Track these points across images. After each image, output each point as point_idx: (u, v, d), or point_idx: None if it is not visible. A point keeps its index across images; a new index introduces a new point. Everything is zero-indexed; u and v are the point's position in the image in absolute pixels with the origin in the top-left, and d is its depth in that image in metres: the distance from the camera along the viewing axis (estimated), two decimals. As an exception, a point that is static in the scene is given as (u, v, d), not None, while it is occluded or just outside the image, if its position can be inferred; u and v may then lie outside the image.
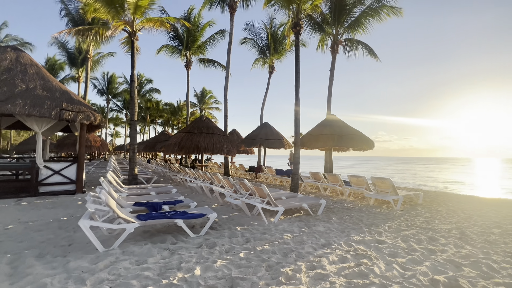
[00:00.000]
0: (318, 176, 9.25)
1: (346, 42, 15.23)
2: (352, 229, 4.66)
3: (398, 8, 13.55)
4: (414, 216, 5.75)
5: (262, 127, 14.53)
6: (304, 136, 10.20)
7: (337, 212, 6.10)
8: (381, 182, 6.88)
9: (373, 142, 9.51)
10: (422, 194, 7.84)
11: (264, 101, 20.04)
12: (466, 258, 3.40)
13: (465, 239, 4.20)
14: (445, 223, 5.20)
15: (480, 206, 7.14)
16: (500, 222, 5.38)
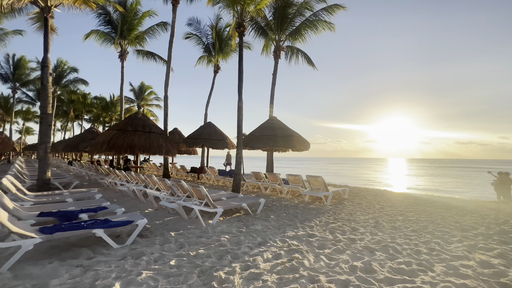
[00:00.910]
0: (259, 176, 9.48)
1: (288, 49, 16.15)
2: (287, 226, 4.88)
3: (332, 24, 15.02)
4: (340, 210, 6.42)
5: (205, 126, 14.12)
6: (247, 136, 10.33)
7: (276, 210, 6.33)
8: (315, 180, 7.48)
9: (309, 144, 10.29)
10: (348, 190, 8.87)
11: (209, 101, 19.57)
12: (378, 243, 3.93)
13: (378, 227, 4.88)
14: (364, 214, 5.96)
15: (390, 198, 8.49)
16: (404, 210, 6.47)
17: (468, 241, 4.10)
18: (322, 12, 14.37)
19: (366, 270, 3.01)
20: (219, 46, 19.47)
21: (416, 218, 5.62)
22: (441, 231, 4.67)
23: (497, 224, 5.23)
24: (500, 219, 5.77)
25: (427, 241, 4.08)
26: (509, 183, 10.78)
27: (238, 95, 9.07)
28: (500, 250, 3.69)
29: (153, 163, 18.41)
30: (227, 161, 17.53)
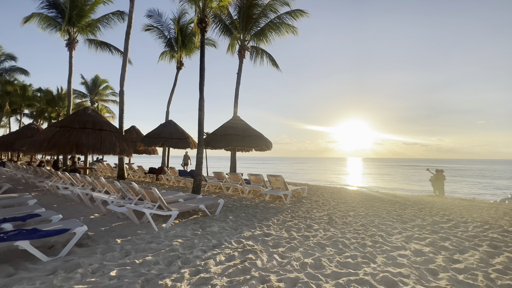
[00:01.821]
0: (221, 176, 9.31)
1: (253, 49, 16.22)
2: (245, 226, 4.84)
3: (295, 28, 15.46)
4: (298, 208, 6.62)
5: (166, 125, 13.42)
6: (208, 136, 10.08)
7: (235, 210, 6.25)
8: (275, 179, 7.60)
9: (272, 143, 10.45)
10: (307, 188, 9.22)
11: (171, 98, 18.70)
12: (329, 239, 4.11)
13: (331, 223, 5.12)
14: (320, 211, 6.23)
15: (345, 196, 9.04)
16: (355, 207, 6.93)
17: (406, 232, 4.53)
18: (286, 16, 14.73)
19: (316, 266, 3.10)
20: (182, 41, 18.71)
21: (365, 213, 6.05)
22: (385, 224, 5.09)
23: (431, 216, 5.90)
24: (433, 211, 6.52)
25: (373, 234, 4.39)
26: (443, 179, 12.32)
27: (199, 93, 8.79)
28: (431, 239, 4.14)
29: (107, 164, 16.90)
30: (184, 161, 17.00)
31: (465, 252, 3.61)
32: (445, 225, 5.06)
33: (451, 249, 3.68)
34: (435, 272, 2.97)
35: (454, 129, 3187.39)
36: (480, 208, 7.12)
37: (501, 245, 3.91)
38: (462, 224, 5.21)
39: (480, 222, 5.37)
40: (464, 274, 2.91)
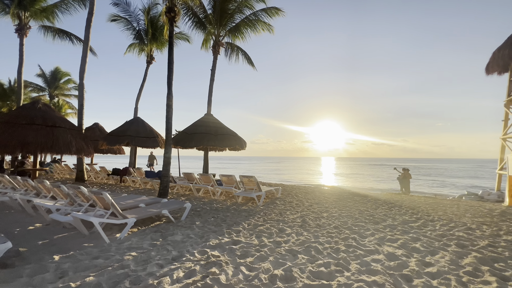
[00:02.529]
0: (191, 177, 8.75)
1: (228, 46, 15.74)
2: (212, 233, 4.41)
3: (271, 26, 15.24)
4: (271, 210, 6.33)
5: (133, 122, 12.42)
6: (178, 134, 9.43)
7: (204, 214, 5.79)
8: (248, 179, 7.25)
9: (245, 142, 10.09)
10: (281, 188, 9.02)
11: (140, 94, 17.54)
12: (302, 244, 3.85)
13: (304, 226, 4.90)
14: (293, 213, 6.00)
15: (319, 195, 8.98)
16: (328, 207, 6.83)
17: (379, 233, 4.44)
18: (262, 13, 14.46)
19: (286, 279, 2.80)
20: (153, 34, 17.62)
21: (339, 214, 5.94)
22: (358, 225, 4.98)
23: (400, 215, 5.96)
24: (402, 209, 6.64)
25: (346, 237, 4.23)
26: (409, 178, 12.90)
27: (167, 88, 8.16)
28: (402, 240, 4.07)
29: (65, 165, 15.29)
30: (149, 161, 16.09)
31: (436, 253, 3.55)
32: (414, 224, 5.09)
33: (422, 251, 3.61)
34: (409, 278, 2.82)
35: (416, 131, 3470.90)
36: (444, 206, 7.43)
37: (467, 244, 3.95)
38: (430, 222, 5.29)
39: (446, 220, 5.51)
40: (437, 279, 2.79)
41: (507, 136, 11.40)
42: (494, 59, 11.41)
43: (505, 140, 11.70)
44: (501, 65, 11.19)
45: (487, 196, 10.76)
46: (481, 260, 3.31)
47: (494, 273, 2.92)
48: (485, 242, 4.02)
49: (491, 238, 4.26)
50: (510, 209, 7.14)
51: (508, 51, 10.41)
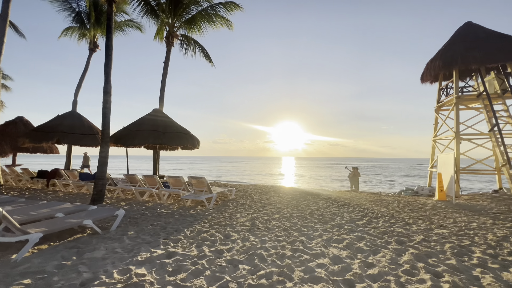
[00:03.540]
0: (134, 179, 7.79)
1: (183, 38, 14.79)
2: (145, 244, 3.79)
3: (230, 22, 14.76)
4: (221, 213, 5.90)
5: (66, 116, 10.68)
6: (120, 131, 8.35)
7: (142, 222, 5.07)
8: (197, 181, 6.69)
9: (199, 141, 9.45)
10: (235, 189, 8.64)
11: (80, 85, 15.44)
12: (246, 252, 3.50)
13: (253, 230, 4.58)
14: (244, 216, 5.66)
15: (273, 195, 8.85)
16: (281, 208, 6.68)
17: (326, 234, 4.36)
18: (220, 7, 13.90)
19: (219, 298, 2.40)
20: (97, 18, 15.64)
21: (290, 215, 5.80)
22: (307, 226, 4.86)
23: (348, 213, 6.08)
24: (350, 207, 6.83)
25: (294, 240, 4.02)
26: (358, 176, 13.72)
27: (104, 77, 7.10)
28: (348, 240, 4.03)
29: (-23, 166, 12.50)
30: (84, 163, 14.36)
31: (378, 252, 3.55)
32: (360, 222, 5.19)
33: (365, 251, 3.58)
34: (351, 284, 2.67)
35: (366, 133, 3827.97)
36: (386, 202, 7.92)
37: (405, 240, 4.08)
38: (374, 220, 5.46)
39: (388, 217, 5.77)
40: (378, 282, 2.70)
41: (437, 138, 12.90)
42: (428, 70, 12.80)
43: (435, 142, 13.24)
44: (433, 75, 12.61)
45: (421, 191, 11.99)
46: (417, 256, 3.39)
47: (428, 270, 2.97)
48: (420, 237, 4.21)
49: (425, 233, 4.50)
50: (439, 202, 7.94)
51: (438, 63, 11.75)
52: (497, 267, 3.09)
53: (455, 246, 3.78)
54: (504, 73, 10.82)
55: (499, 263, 3.21)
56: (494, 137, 10.31)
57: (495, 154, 11.71)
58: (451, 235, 4.36)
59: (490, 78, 11.29)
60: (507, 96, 10.58)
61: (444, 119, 12.41)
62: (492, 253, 3.54)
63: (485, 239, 4.17)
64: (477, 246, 3.83)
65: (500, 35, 10.91)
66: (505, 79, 10.72)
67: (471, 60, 10.74)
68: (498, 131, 10.04)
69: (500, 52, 10.38)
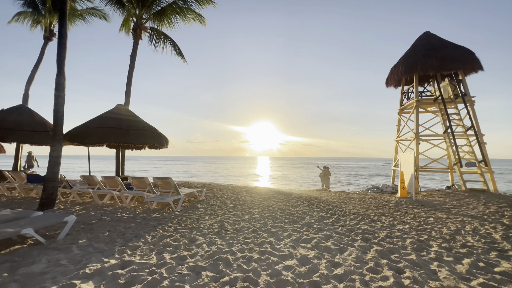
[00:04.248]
0: (92, 181, 7.11)
1: (153, 32, 14.01)
2: (98, 253, 3.39)
3: (202, 17, 14.32)
4: (188, 215, 5.59)
5: (13, 111, 9.44)
6: (77, 128, 7.57)
7: (98, 228, 4.58)
8: (163, 182, 6.28)
9: (167, 140, 8.97)
10: (205, 190, 8.33)
11: (33, 77, 13.90)
12: (211, 257, 3.29)
13: (221, 233, 4.37)
14: (212, 218, 5.42)
15: (246, 195, 8.70)
16: (252, 208, 6.55)
17: (295, 234, 4.30)
18: (192, 0, 13.42)
19: (176, 311, 2.17)
20: (54, 3, 14.18)
21: (260, 215, 5.68)
22: (277, 226, 4.78)
23: (318, 212, 6.14)
24: (320, 206, 6.93)
25: (262, 242, 3.90)
26: (328, 175, 14.13)
27: (57, 68, 6.37)
28: (316, 239, 4.01)
29: None
30: (27, 163, 13.07)
31: (344, 250, 3.56)
32: (328, 221, 5.25)
33: (333, 250, 3.57)
34: (317, 286, 2.60)
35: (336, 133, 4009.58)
36: (354, 200, 8.20)
37: (370, 237, 4.18)
38: (342, 218, 5.57)
39: (355, 214, 5.93)
40: (344, 282, 2.67)
41: (400, 139, 13.78)
42: (392, 75, 13.61)
43: (398, 142, 14.13)
44: (396, 79, 13.44)
45: (385, 189, 12.71)
46: (381, 253, 3.46)
47: (391, 266, 3.03)
48: (384, 234, 4.34)
49: (388, 229, 4.67)
50: (401, 199, 8.43)
51: (401, 68, 12.55)
52: (452, 260, 3.25)
53: (415, 241, 3.95)
54: (456, 80, 11.88)
55: (453, 255, 3.39)
56: (447, 138, 11.26)
57: (448, 154, 12.82)
58: (411, 231, 4.57)
59: (444, 84, 12.33)
60: (458, 101, 11.62)
61: (406, 121, 13.30)
62: (447, 246, 3.75)
63: (441, 233, 4.43)
64: (434, 240, 4.04)
65: (453, 45, 11.95)
66: (457, 86, 11.77)
67: (429, 67, 11.63)
68: (451, 133, 10.98)
69: (453, 61, 11.37)
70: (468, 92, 11.52)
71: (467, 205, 7.22)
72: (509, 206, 6.83)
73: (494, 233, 4.42)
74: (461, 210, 6.51)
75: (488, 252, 3.51)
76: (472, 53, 11.52)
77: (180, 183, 11.89)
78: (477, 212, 6.27)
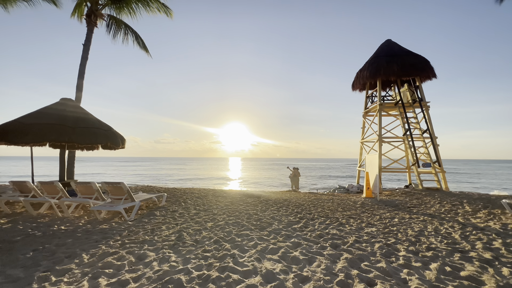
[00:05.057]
0: (26, 188, 5.98)
1: (111, 20, 12.71)
2: (8, 284, 2.64)
3: (168, 9, 13.42)
4: (142, 226, 4.90)
5: None
6: (6, 124, 6.33)
7: (21, 247, 3.71)
8: (113, 187, 5.48)
9: (124, 139, 8.03)
10: (167, 195, 7.61)
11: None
12: (160, 279, 2.75)
13: (177, 246, 3.81)
14: (171, 227, 4.81)
15: (212, 199, 8.14)
16: (217, 214, 6.05)
17: (262, 243, 3.93)
18: (156, -10, 12.47)
19: None
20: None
21: (225, 222, 5.22)
22: (242, 235, 4.36)
23: (286, 216, 5.87)
24: (289, 209, 6.68)
25: (224, 255, 3.45)
26: (298, 176, 14.14)
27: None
28: (284, 248, 3.68)
29: None
30: None
31: (313, 261, 3.28)
32: (297, 226, 4.98)
33: (301, 261, 3.26)
34: (283, 309, 2.24)
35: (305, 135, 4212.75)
36: (322, 201, 8.14)
37: (339, 243, 3.97)
38: (311, 222, 5.35)
39: (323, 217, 5.77)
40: (312, 302, 2.34)
41: (364, 140, 14.33)
42: (357, 79, 14.11)
43: (363, 143, 14.70)
44: (361, 83, 13.97)
45: (351, 189, 13.08)
46: (351, 262, 3.24)
47: (362, 278, 2.80)
48: (353, 238, 4.18)
49: (356, 233, 4.54)
50: (367, 199, 8.61)
51: (366, 73, 13.04)
52: (420, 265, 3.15)
53: (383, 246, 3.84)
54: (414, 86, 12.70)
55: (421, 260, 3.30)
56: (406, 140, 11.94)
57: (407, 155, 13.65)
58: (379, 234, 4.49)
59: (404, 89, 13.11)
60: (416, 105, 12.41)
61: (370, 123, 13.88)
62: (413, 250, 3.69)
63: (406, 235, 4.41)
64: (401, 243, 3.97)
65: (411, 53, 12.75)
66: (414, 91, 12.58)
67: (391, 72, 12.23)
68: (410, 135, 11.66)
69: (411, 68, 12.10)
70: (424, 97, 12.36)
71: (425, 204, 7.57)
72: (460, 204, 7.30)
73: (453, 233, 4.54)
74: (421, 209, 6.76)
75: (452, 254, 3.50)
76: (427, 61, 12.39)
77: (139, 188, 10.87)
78: (434, 211, 6.56)
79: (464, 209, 6.66)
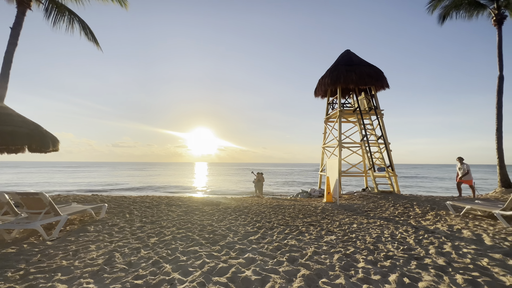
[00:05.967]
0: None
1: (51, 4, 11.07)
2: None
3: (124, 0, 12.26)
4: (65, 246, 3.96)
5: None
6: None
7: None
8: (29, 199, 4.42)
9: (57, 140, 6.80)
10: (107, 205, 6.58)
11: None
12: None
13: (102, 272, 3.05)
14: (102, 247, 3.96)
15: (164, 208, 7.28)
16: (165, 226, 5.30)
17: (210, 261, 3.38)
18: (108, -25, 11.26)
19: None
20: None
21: (172, 237, 4.53)
22: (189, 252, 3.75)
23: (244, 226, 5.39)
24: (248, 217, 6.22)
25: (160, 281, 2.82)
26: (262, 181, 13.83)
27: None
28: (235, 268, 3.18)
29: None
30: None
31: (267, 281, 2.84)
32: (254, 238, 4.53)
33: (252, 282, 2.80)
34: None
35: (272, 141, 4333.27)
36: (283, 208, 7.87)
37: (297, 256, 3.62)
38: (269, 231, 4.96)
39: (283, 226, 5.43)
40: None
41: (326, 145, 14.69)
42: (319, 85, 14.48)
43: (324, 149, 15.06)
44: (323, 90, 14.36)
45: (313, 193, 13.19)
46: (308, 279, 2.88)
47: (319, 300, 2.44)
48: (311, 249, 3.87)
49: (316, 242, 4.26)
50: (327, 204, 8.59)
51: (327, 80, 13.43)
52: (379, 278, 2.92)
53: (342, 257, 3.58)
54: (370, 94, 13.44)
55: (380, 271, 3.10)
56: (363, 146, 12.49)
57: (364, 160, 14.31)
58: (338, 242, 4.27)
59: (361, 97, 13.79)
60: (372, 113, 13.11)
61: (331, 129, 14.28)
62: (372, 259, 3.50)
63: (365, 242, 4.27)
64: (360, 253, 3.78)
65: (368, 64, 13.50)
66: (370, 99, 13.30)
67: (350, 80, 12.77)
68: (366, 141, 12.21)
69: (367, 77, 12.78)
70: (378, 105, 13.12)
71: (380, 207, 7.78)
72: (411, 206, 7.65)
73: (408, 238, 4.54)
74: (377, 213, 6.87)
75: (408, 263, 3.37)
76: (381, 72, 13.22)
77: (77, 198, 9.42)
78: (389, 214, 6.71)
79: (414, 211, 6.94)
